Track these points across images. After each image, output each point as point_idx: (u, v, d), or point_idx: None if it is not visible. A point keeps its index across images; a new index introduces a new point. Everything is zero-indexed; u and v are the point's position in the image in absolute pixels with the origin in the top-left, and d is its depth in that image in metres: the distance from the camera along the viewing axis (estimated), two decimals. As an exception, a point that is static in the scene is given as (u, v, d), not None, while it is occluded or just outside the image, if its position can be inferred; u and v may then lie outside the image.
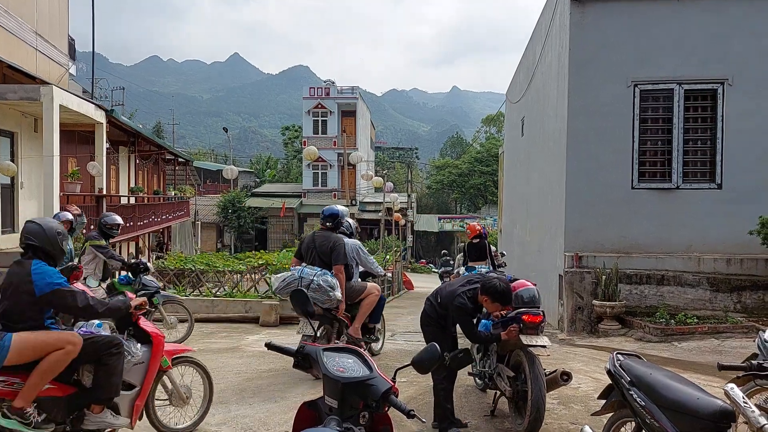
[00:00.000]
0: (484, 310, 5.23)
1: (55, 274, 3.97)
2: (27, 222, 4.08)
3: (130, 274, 8.02)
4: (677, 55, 9.22)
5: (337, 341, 6.48)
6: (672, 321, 8.37)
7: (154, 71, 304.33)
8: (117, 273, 8.96)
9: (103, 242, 8.02)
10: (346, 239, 6.94)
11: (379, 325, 7.37)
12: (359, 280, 7.13)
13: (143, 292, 7.78)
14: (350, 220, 7.50)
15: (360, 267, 7.15)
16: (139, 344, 4.34)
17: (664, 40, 9.26)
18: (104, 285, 8.10)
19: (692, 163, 9.31)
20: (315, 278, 6.39)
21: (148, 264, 8.30)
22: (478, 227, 11.00)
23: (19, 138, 13.67)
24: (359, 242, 7.31)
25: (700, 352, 7.54)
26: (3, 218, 12.64)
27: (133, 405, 4.25)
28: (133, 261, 8.31)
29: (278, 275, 6.92)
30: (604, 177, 9.36)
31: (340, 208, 7.17)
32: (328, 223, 6.92)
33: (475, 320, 5.01)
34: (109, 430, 4.21)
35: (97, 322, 4.36)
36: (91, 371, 4.05)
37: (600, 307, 8.74)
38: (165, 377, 4.62)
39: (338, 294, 6.40)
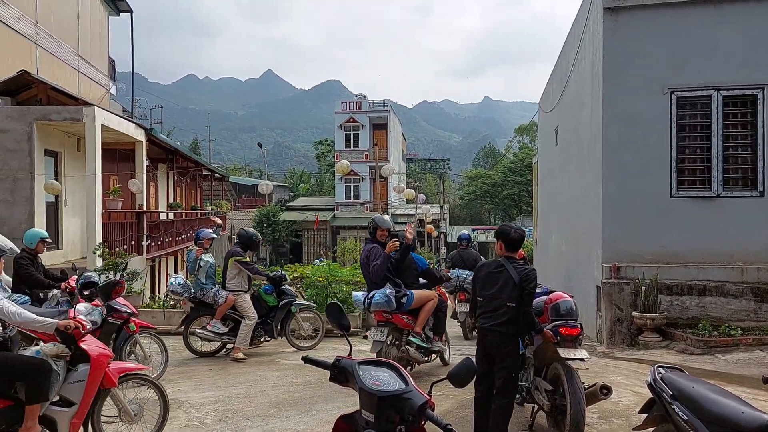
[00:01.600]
0: None
1: (422, 259, 7.47)
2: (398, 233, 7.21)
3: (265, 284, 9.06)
4: (714, 61, 9.04)
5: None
6: (715, 333, 8.14)
7: (191, 89, 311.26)
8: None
9: (248, 258, 8.68)
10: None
11: None
12: None
13: (286, 300, 8.90)
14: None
15: None
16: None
17: (700, 46, 9.10)
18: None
19: (733, 170, 9.09)
20: (467, 277, 9.91)
21: (287, 276, 9.47)
22: (522, 253, 14.69)
23: (63, 157, 14.13)
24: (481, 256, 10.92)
25: (744, 365, 7.32)
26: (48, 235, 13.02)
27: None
28: (273, 273, 9.13)
29: None
30: (642, 186, 9.20)
31: (467, 232, 11.64)
32: (469, 244, 11.33)
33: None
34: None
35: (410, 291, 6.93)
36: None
37: (640, 319, 8.56)
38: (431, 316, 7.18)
39: None
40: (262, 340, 8.79)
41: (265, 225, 41.93)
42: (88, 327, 4.55)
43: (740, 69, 8.96)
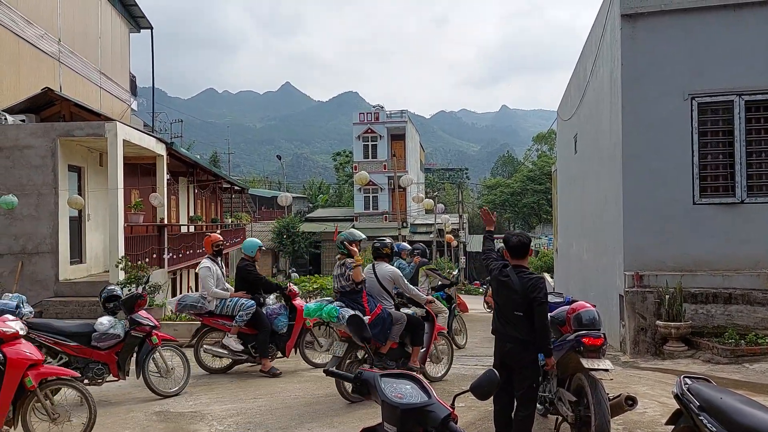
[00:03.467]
0: None
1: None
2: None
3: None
4: (735, 66, 8.92)
5: None
6: (742, 341, 7.99)
7: (210, 103, 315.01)
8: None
9: (434, 266, 10.47)
10: None
11: None
12: None
13: (453, 304, 10.54)
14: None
15: None
16: None
17: (721, 51, 8.99)
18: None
19: (757, 176, 8.93)
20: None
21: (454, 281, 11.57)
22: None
23: (86, 172, 14.35)
24: None
25: (774, 375, 7.15)
26: (72, 250, 13.23)
27: None
28: (452, 279, 11.34)
29: None
30: (663, 193, 9.08)
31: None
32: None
33: None
34: None
35: None
36: None
37: (664, 328, 8.42)
38: None
39: None
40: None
41: (285, 237, 42.15)
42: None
43: (763, 73, 8.83)
